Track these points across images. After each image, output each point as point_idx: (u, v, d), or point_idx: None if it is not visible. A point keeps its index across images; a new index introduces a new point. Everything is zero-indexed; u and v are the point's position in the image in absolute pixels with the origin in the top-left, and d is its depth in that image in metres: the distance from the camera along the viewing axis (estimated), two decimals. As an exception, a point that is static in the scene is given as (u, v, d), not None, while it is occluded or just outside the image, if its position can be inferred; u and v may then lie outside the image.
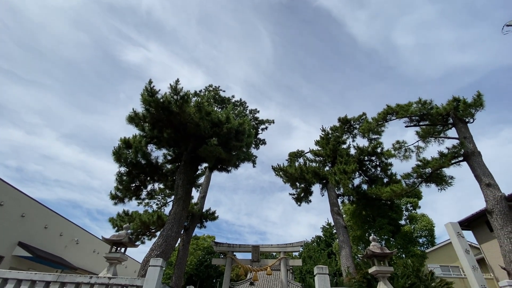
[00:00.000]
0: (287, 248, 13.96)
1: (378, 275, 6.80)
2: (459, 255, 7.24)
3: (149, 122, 9.66)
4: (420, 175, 11.76)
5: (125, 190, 12.29)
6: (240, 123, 9.71)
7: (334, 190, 16.10)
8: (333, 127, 18.87)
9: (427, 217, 17.64)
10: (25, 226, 15.46)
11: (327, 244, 38.97)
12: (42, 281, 5.44)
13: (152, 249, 9.07)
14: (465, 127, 11.62)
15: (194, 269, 38.84)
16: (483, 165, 10.42)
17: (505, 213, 9.06)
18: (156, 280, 5.23)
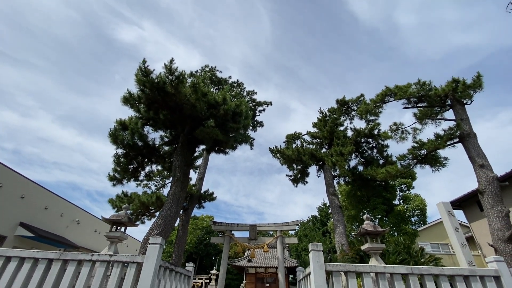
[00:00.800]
0: (283, 227, 14.37)
1: (370, 251, 7.07)
2: (449, 232, 7.52)
3: (144, 103, 9.50)
4: (415, 157, 11.93)
5: (123, 172, 12.35)
6: (237, 105, 9.60)
7: (330, 172, 16.35)
8: (331, 109, 18.79)
9: (420, 197, 18.12)
10: (25, 207, 15.66)
11: (322, 223, 40.16)
12: (44, 258, 5.59)
13: (151, 228, 9.29)
14: (463, 109, 11.63)
15: (193, 247, 40.14)
16: (477, 146, 10.55)
17: (496, 193, 9.32)
18: (156, 257, 5.39)
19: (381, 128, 16.39)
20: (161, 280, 5.90)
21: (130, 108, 9.89)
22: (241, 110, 9.67)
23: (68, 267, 5.55)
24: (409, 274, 5.36)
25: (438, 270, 5.42)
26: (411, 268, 5.39)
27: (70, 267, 5.53)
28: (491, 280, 5.31)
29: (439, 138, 11.07)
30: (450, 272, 5.38)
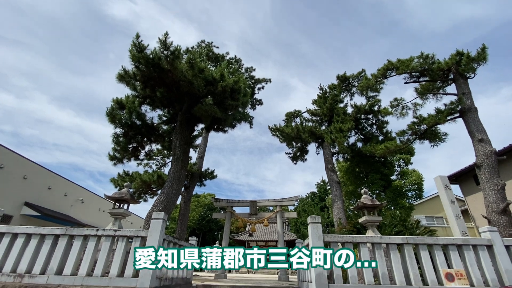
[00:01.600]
0: (282, 202, 14.71)
1: (367, 224, 7.29)
2: (445, 205, 7.70)
3: (140, 80, 9.27)
4: (415, 132, 11.91)
5: (123, 151, 12.37)
6: (235, 81, 9.37)
7: (329, 149, 16.42)
8: (331, 86, 18.46)
9: (418, 172, 18.39)
10: (29, 187, 15.89)
11: (320, 199, 41.13)
12: (51, 234, 5.75)
13: (154, 205, 9.50)
14: (465, 83, 11.42)
15: (196, 223, 41.44)
16: (478, 121, 10.49)
17: (493, 167, 9.42)
18: (160, 231, 5.55)
19: (381, 104, 16.24)
20: (165, 253, 6.10)
21: (126, 85, 9.67)
22: (240, 87, 9.46)
23: (75, 242, 5.73)
24: (404, 244, 5.56)
25: (433, 240, 5.61)
26: (407, 238, 5.57)
27: (76, 242, 5.70)
28: (484, 249, 5.52)
29: (439, 113, 10.97)
30: (444, 242, 5.58)
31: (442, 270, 5.29)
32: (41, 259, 5.54)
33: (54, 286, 5.16)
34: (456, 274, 5.24)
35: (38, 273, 5.39)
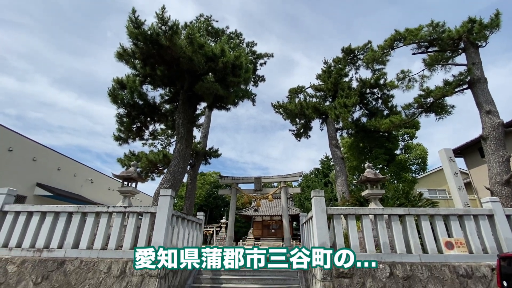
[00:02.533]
0: (286, 178, 14.95)
1: (370, 197, 7.43)
2: (448, 177, 7.75)
3: (139, 58, 9.06)
4: (421, 105, 11.67)
5: (127, 131, 12.45)
6: (236, 56, 9.11)
7: (333, 125, 16.29)
8: (335, 59, 17.86)
9: (422, 146, 18.30)
10: (39, 169, 16.33)
11: (324, 175, 41.64)
12: (64, 212, 6.02)
13: (161, 183, 9.73)
14: (476, 52, 10.95)
15: (203, 200, 42.67)
16: (487, 92, 10.20)
17: (500, 139, 9.31)
18: (168, 206, 5.76)
19: (387, 78, 15.80)
20: (175, 227, 6.38)
21: (126, 64, 9.49)
22: (241, 62, 9.22)
23: (87, 218, 5.99)
24: (406, 215, 5.69)
25: (434, 210, 5.73)
26: (408, 210, 5.70)
27: (89, 219, 5.97)
28: (485, 218, 5.64)
29: (447, 84, 10.64)
30: (445, 212, 5.69)
31: (442, 239, 5.46)
32: (57, 235, 5.84)
33: (72, 259, 5.48)
34: (456, 243, 5.41)
35: (55, 247, 5.71)
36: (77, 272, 5.30)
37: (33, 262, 5.46)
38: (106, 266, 5.34)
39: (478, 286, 4.86)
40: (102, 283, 5.16)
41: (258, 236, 31.72)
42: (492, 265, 5.03)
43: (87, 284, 5.17)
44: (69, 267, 5.36)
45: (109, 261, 5.40)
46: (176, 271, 6.15)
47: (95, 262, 5.40)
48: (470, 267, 5.05)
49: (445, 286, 4.86)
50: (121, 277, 5.20)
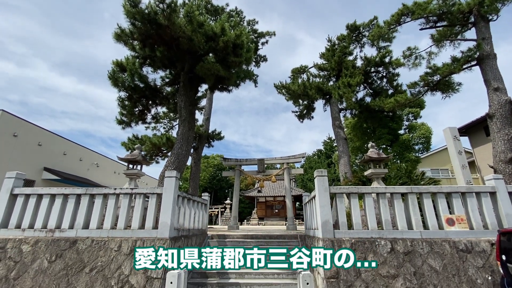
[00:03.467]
0: (289, 160, 15.04)
1: (373, 176, 7.48)
2: (452, 155, 7.73)
3: (138, 39, 8.83)
4: (427, 83, 11.39)
5: (130, 115, 12.44)
6: (237, 35, 8.83)
7: (337, 105, 16.07)
8: (340, 36, 17.24)
9: (426, 126, 18.11)
10: (45, 154, 16.57)
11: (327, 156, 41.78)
12: (73, 194, 6.17)
13: (166, 165, 9.85)
14: (486, 26, 10.50)
15: (207, 183, 43.43)
16: (495, 68, 9.89)
17: (506, 117, 9.15)
18: (174, 187, 5.87)
19: (392, 55, 15.31)
20: (181, 207, 6.54)
21: (124, 45, 9.27)
22: (242, 41, 8.95)
23: (96, 200, 6.14)
24: (408, 193, 5.75)
25: (437, 188, 5.77)
26: (411, 188, 5.75)
27: (97, 200, 6.12)
28: (487, 195, 5.68)
29: (455, 61, 10.31)
30: (448, 190, 5.73)
31: (443, 216, 5.54)
32: (67, 216, 6.03)
33: (83, 238, 5.70)
34: (457, 219, 5.49)
35: (67, 228, 5.92)
36: (89, 251, 5.53)
37: (46, 241, 5.69)
38: (117, 245, 5.55)
39: (477, 260, 4.99)
40: (113, 260, 5.39)
41: (261, 216, 32.53)
42: (492, 240, 5.14)
43: (99, 261, 5.40)
44: (81, 246, 5.59)
45: (119, 240, 5.61)
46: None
47: (106, 241, 5.61)
48: (470, 242, 5.17)
49: (445, 260, 5.00)
50: (131, 254, 5.42)
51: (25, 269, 5.42)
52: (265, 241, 8.45)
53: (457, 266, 4.94)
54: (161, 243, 5.45)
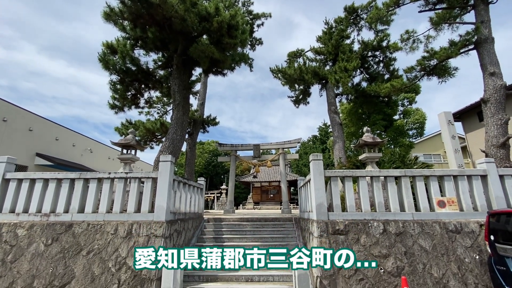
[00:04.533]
0: (285, 145, 15.06)
1: (367, 160, 7.55)
2: (446, 139, 7.82)
3: (128, 19, 8.46)
4: (424, 68, 11.30)
5: (122, 99, 12.17)
6: (232, 16, 8.51)
7: (333, 90, 15.95)
8: (337, 19, 16.82)
9: (421, 111, 18.21)
10: (37, 139, 16.25)
11: (322, 142, 42.03)
12: (67, 178, 6.10)
13: (161, 151, 9.77)
14: (486, 9, 10.33)
15: (203, 168, 43.53)
16: (493, 53, 9.82)
17: (500, 102, 9.20)
18: (169, 171, 5.84)
19: (390, 39, 15.10)
20: (177, 191, 6.54)
21: (114, 25, 8.90)
22: (237, 22, 8.65)
23: (90, 185, 6.09)
24: (402, 176, 5.83)
25: (430, 171, 5.86)
26: (404, 171, 5.82)
27: (92, 185, 6.07)
28: (478, 178, 5.79)
29: (453, 45, 10.20)
30: (440, 173, 5.83)
31: (435, 198, 5.67)
32: (62, 201, 5.99)
33: (79, 222, 5.69)
34: (448, 201, 5.63)
35: (62, 212, 5.90)
36: (85, 234, 5.55)
37: (42, 225, 5.68)
38: (113, 228, 5.57)
39: (465, 240, 5.17)
40: (110, 243, 5.43)
41: (257, 201, 33.01)
42: (481, 222, 5.30)
43: (96, 244, 5.44)
44: (77, 230, 5.60)
45: (115, 223, 5.62)
46: (180, 231, 6.46)
47: (102, 225, 5.62)
48: (460, 223, 5.33)
49: (434, 241, 5.17)
50: (128, 237, 5.46)
51: (22, 253, 5.43)
52: (261, 224, 8.60)
53: (446, 246, 5.11)
54: (157, 226, 5.49)
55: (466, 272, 4.84)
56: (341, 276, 4.86)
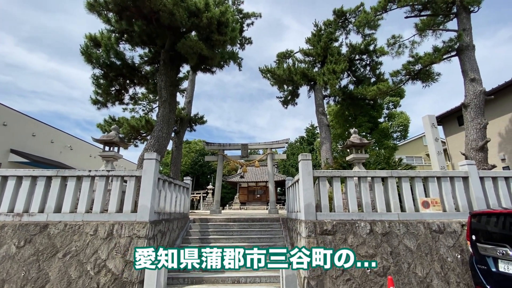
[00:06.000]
0: (273, 145, 15.04)
1: (354, 161, 7.63)
2: (429, 142, 8.04)
3: (113, 10, 8.10)
4: (409, 72, 11.63)
5: (106, 95, 11.68)
6: (222, 12, 8.37)
7: (321, 91, 16.11)
8: (326, 22, 17.02)
9: (405, 114, 18.76)
10: (11, 135, 15.34)
11: (309, 143, 42.48)
12: (42, 176, 5.73)
13: (145, 148, 9.43)
14: (468, 18, 10.78)
15: (189, 168, 42.84)
16: (473, 60, 10.25)
17: (480, 107, 9.61)
18: (154, 170, 5.61)
19: (377, 43, 15.46)
20: (161, 190, 6.31)
21: (98, 16, 8.50)
22: (227, 19, 8.52)
23: (68, 183, 5.76)
24: (388, 177, 5.91)
25: (415, 173, 5.97)
26: (391, 172, 5.90)
27: (70, 183, 5.74)
28: (460, 180, 5.96)
29: (436, 51, 10.55)
30: (425, 174, 5.96)
31: (419, 199, 5.78)
32: (37, 200, 5.63)
33: (55, 222, 5.36)
34: (432, 202, 5.75)
35: (36, 212, 5.53)
36: (62, 235, 5.22)
37: (13, 226, 5.30)
38: (92, 229, 5.28)
39: (448, 240, 5.29)
40: (89, 245, 5.14)
41: (243, 201, 32.86)
42: (462, 222, 5.45)
43: (73, 246, 5.13)
44: (53, 231, 5.26)
45: (95, 223, 5.33)
46: (165, 232, 6.24)
47: (80, 225, 5.32)
48: (443, 224, 5.46)
49: (419, 241, 5.26)
50: (108, 238, 5.19)
51: (-10, 256, 5.04)
52: (248, 224, 8.49)
53: (430, 245, 5.21)
54: (140, 226, 5.26)
55: (449, 271, 4.96)
56: (329, 277, 4.84)
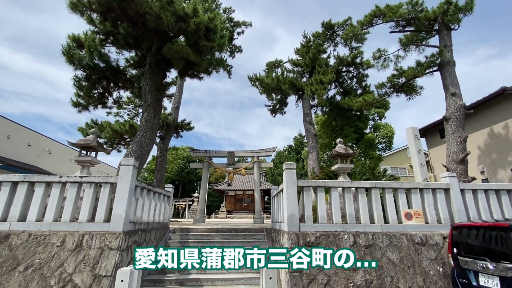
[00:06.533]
0: (260, 153, 14.91)
1: (339, 171, 7.58)
2: (412, 153, 8.13)
3: (97, 11, 7.88)
4: (393, 85, 11.93)
5: (88, 97, 11.27)
6: (210, 18, 8.31)
7: (308, 101, 16.26)
8: (315, 33, 17.39)
9: (390, 126, 19.18)
10: (-16, 136, 14.50)
11: (296, 152, 42.69)
12: (7, 181, 5.31)
13: (127, 154, 9.08)
14: (448, 35, 11.25)
15: (175, 175, 41.94)
16: (454, 75, 10.64)
17: (460, 120, 9.91)
18: (130, 177, 5.31)
19: (363, 56, 15.88)
20: (139, 198, 6.00)
21: (81, 16, 8.24)
22: (215, 25, 8.46)
23: (36, 189, 5.37)
24: (372, 188, 5.86)
25: (398, 184, 5.97)
26: (375, 183, 5.87)
27: (38, 189, 5.35)
28: (441, 192, 6.00)
29: (419, 65, 10.91)
30: (408, 186, 5.96)
31: (402, 210, 5.75)
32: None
33: (18, 232, 4.95)
34: (414, 214, 5.74)
35: (-2, 220, 5.09)
36: (25, 246, 4.80)
37: (-29, 236, 4.83)
38: (60, 239, 4.89)
39: (430, 253, 5.25)
40: (54, 257, 4.74)
41: (230, 210, 32.31)
42: (444, 234, 5.44)
43: (37, 258, 4.72)
44: (15, 241, 4.83)
45: (63, 234, 4.95)
46: (141, 243, 5.89)
47: (46, 235, 4.92)
48: (425, 236, 5.42)
49: (402, 253, 5.19)
50: (76, 250, 4.82)
51: None
52: (231, 235, 8.22)
53: (413, 258, 5.15)
54: (113, 237, 4.92)
55: (431, 285, 4.89)
56: (310, 291, 4.65)
